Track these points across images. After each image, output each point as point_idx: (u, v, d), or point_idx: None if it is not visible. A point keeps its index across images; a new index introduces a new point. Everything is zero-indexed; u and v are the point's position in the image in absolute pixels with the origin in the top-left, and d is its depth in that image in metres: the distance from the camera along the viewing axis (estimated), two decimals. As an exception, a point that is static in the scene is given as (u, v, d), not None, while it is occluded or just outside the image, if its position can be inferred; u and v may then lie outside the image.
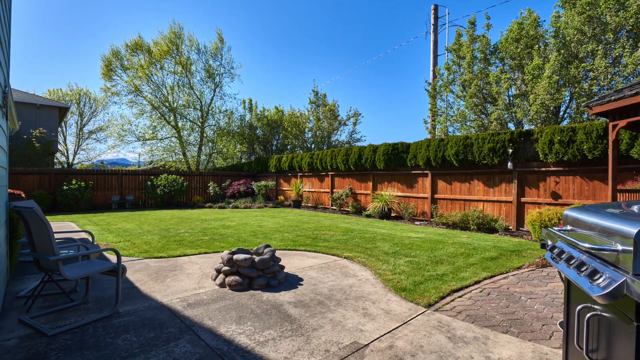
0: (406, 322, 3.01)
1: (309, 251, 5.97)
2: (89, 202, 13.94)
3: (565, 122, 12.28)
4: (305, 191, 15.83)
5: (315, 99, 24.83)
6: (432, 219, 10.26)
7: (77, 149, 28.31)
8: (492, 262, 5.12)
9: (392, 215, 11.45)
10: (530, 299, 3.61)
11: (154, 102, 22.42)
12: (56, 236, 3.23)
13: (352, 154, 12.87)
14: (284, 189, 17.27)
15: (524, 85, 12.55)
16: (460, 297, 3.67)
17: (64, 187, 13.21)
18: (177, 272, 4.58)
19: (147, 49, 21.57)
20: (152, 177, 15.98)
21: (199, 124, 23.70)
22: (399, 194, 11.48)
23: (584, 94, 10.93)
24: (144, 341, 2.62)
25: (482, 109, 14.13)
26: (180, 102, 23.23)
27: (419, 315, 3.18)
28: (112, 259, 5.33)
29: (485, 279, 4.29)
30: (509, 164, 8.41)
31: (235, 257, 3.99)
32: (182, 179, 16.41)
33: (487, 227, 8.47)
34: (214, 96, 23.84)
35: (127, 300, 3.51)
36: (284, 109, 26.70)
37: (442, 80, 15.58)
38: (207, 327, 2.89)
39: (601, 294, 1.18)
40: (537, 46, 11.97)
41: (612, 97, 4.98)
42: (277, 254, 5.38)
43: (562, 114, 12.22)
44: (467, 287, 3.99)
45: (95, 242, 5.27)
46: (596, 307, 1.44)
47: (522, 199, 8.40)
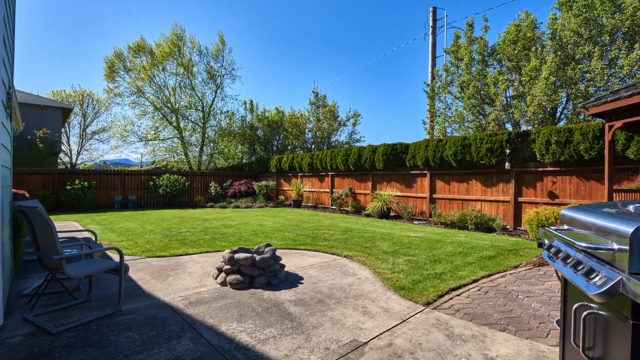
0: (405, 320, 3.03)
1: (309, 250, 5.99)
2: (92, 201, 13.96)
3: (562, 123, 12.37)
4: (305, 191, 15.86)
5: (315, 100, 24.90)
6: (430, 219, 10.31)
7: (81, 149, 28.44)
8: (489, 261, 5.16)
9: (391, 214, 11.50)
10: (527, 297, 3.64)
11: (156, 103, 22.50)
12: (60, 235, 3.25)
13: (351, 154, 12.92)
14: (285, 188, 17.30)
15: (521, 86, 12.63)
16: (458, 295, 3.70)
17: (68, 187, 13.24)
18: (179, 271, 4.60)
19: (149, 51, 21.65)
20: (155, 177, 16.01)
21: (200, 124, 23.76)
22: (398, 193, 11.53)
23: (580, 95, 11.02)
24: (146, 339, 2.64)
25: (480, 110, 14.21)
26: (182, 103, 23.35)
27: (417, 313, 3.21)
28: (115, 257, 5.33)
29: (483, 278, 4.32)
30: (507, 164, 8.47)
31: (236, 256, 4.02)
32: (184, 179, 16.44)
33: (485, 226, 8.53)
34: (215, 97, 23.96)
35: (130, 298, 3.54)
36: (285, 110, 26.80)
37: (441, 81, 15.66)
38: (209, 325, 2.91)
39: (597, 292, 1.19)
40: (534, 48, 12.05)
41: (609, 98, 5.02)
42: (278, 253, 5.40)
43: (559, 114, 12.31)
44: (465, 285, 4.02)
45: (98, 241, 5.28)
46: (592, 305, 1.44)
47: (520, 199, 8.47)
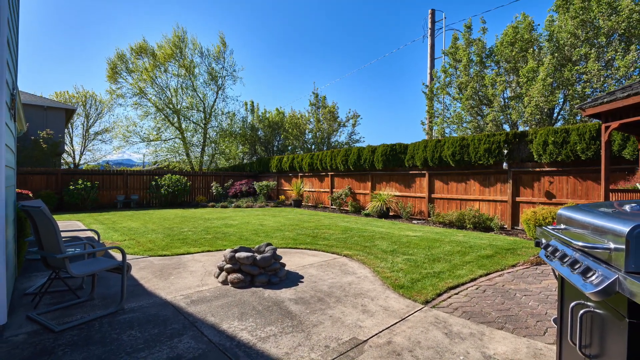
0: (404, 319, 3.06)
1: (309, 249, 6.02)
2: (94, 201, 14.00)
3: (559, 124, 12.45)
4: (305, 191, 15.91)
5: (315, 101, 24.96)
6: (429, 218, 10.36)
7: (83, 149, 28.50)
8: (487, 260, 5.20)
9: (390, 214, 11.55)
10: (525, 296, 3.67)
11: (158, 104, 22.57)
12: (63, 235, 3.27)
13: (351, 155, 12.97)
14: (285, 188, 17.34)
15: (518, 87, 12.70)
16: (456, 294, 3.73)
17: (71, 187, 13.28)
18: (181, 270, 4.63)
19: (151, 53, 21.71)
20: (157, 177, 16.07)
21: (202, 125, 23.84)
22: (397, 193, 11.59)
23: (577, 96, 11.10)
24: (148, 337, 2.67)
25: (478, 110, 14.29)
26: (183, 104, 23.43)
27: (416, 311, 3.23)
28: (118, 257, 5.36)
29: (481, 277, 4.36)
30: (504, 165, 8.53)
31: (237, 255, 4.05)
32: (186, 179, 16.49)
33: (483, 226, 8.59)
34: (216, 98, 24.02)
35: (132, 297, 3.56)
36: (285, 111, 26.86)
37: (439, 82, 15.74)
38: (210, 323, 2.93)
39: (594, 291, 1.20)
40: (531, 49, 12.13)
41: (605, 99, 5.07)
42: (278, 252, 5.44)
43: (555, 115, 12.39)
44: (463, 284, 4.05)
45: (101, 240, 5.31)
46: (589, 303, 1.45)
47: (517, 199, 8.53)
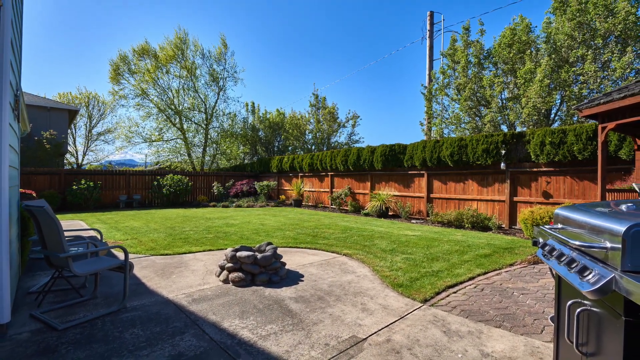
0: (403, 317, 3.09)
1: (309, 248, 6.05)
2: (97, 201, 14.03)
3: (556, 125, 12.53)
4: (305, 191, 15.96)
5: (315, 102, 25.03)
6: (428, 218, 10.42)
7: (86, 150, 28.60)
8: (485, 259, 5.24)
9: (390, 214, 11.60)
10: (522, 294, 3.71)
11: (160, 105, 22.64)
12: (66, 234, 3.28)
13: (351, 155, 13.01)
14: (286, 188, 17.38)
15: (516, 88, 12.79)
16: (455, 292, 3.76)
17: (74, 187, 13.31)
18: (183, 269, 4.65)
19: (153, 54, 21.76)
20: (159, 177, 16.12)
21: (203, 126, 23.91)
22: (396, 193, 11.64)
23: (574, 97, 11.19)
24: (150, 335, 2.69)
25: (476, 111, 14.37)
26: (185, 105, 23.51)
27: (415, 310, 3.26)
28: (120, 256, 5.34)
29: (479, 276, 4.40)
30: (502, 165, 8.59)
31: (238, 254, 4.08)
32: (187, 179, 16.55)
33: (481, 225, 8.65)
34: (218, 99, 24.11)
35: (134, 295, 3.59)
36: (286, 112, 26.99)
37: (438, 84, 15.83)
38: (211, 321, 2.95)
39: (591, 289, 1.20)
40: (529, 51, 12.22)
41: (601, 100, 5.13)
42: (279, 251, 5.46)
43: (553, 116, 12.48)
44: (461, 283, 4.09)
45: (103, 239, 5.33)
46: (586, 302, 1.46)
47: (515, 198, 8.59)
